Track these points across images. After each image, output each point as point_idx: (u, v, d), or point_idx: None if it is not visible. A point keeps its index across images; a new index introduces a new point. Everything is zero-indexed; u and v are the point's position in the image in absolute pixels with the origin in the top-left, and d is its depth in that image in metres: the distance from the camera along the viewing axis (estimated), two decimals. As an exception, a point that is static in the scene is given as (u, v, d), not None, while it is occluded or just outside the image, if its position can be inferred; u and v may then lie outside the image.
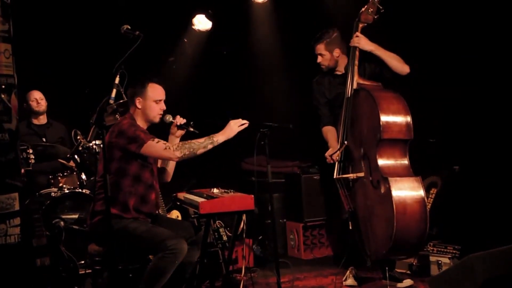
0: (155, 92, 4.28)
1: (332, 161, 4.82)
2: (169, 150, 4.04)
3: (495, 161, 5.19)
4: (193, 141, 4.11)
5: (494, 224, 5.02)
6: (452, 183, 5.36)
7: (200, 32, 7.08)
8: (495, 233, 4.85)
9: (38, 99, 6.06)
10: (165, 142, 4.13)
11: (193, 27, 7.06)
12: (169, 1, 6.80)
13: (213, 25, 7.01)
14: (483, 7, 5.14)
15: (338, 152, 4.73)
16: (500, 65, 5.13)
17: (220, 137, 4.15)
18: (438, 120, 5.54)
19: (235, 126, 4.19)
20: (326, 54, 4.99)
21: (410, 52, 4.85)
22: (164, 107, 4.33)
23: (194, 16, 7.01)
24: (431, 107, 5.47)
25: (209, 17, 6.94)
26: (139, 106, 4.25)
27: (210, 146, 4.12)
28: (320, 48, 5.00)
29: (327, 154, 4.89)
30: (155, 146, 4.04)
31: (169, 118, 4.38)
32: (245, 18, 7.07)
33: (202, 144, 4.10)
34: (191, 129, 4.60)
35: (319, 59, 5.04)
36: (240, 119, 4.23)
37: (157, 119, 4.31)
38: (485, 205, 5.17)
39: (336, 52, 4.98)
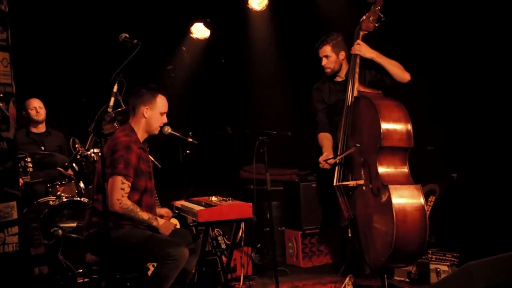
0: (163, 104, 4.30)
1: (327, 167, 4.82)
2: (119, 200, 3.94)
3: (493, 169, 5.19)
4: (140, 212, 4.03)
5: (493, 231, 5.01)
6: (451, 191, 5.36)
7: (198, 40, 7.10)
8: (494, 241, 4.84)
9: (37, 107, 6.05)
10: (127, 192, 4.03)
11: (191, 35, 7.08)
12: (168, 9, 6.82)
13: (211, 33, 7.03)
14: (485, 15, 5.15)
15: (338, 158, 4.73)
16: (499, 72, 5.14)
17: (159, 224, 4.10)
18: (436, 127, 5.54)
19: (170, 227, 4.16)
20: (332, 56, 4.99)
21: (409, 60, 4.86)
22: (166, 121, 4.35)
23: (192, 25, 7.03)
24: (429, 114, 5.48)
25: (207, 25, 6.96)
26: (146, 115, 4.24)
27: (146, 224, 4.08)
28: (327, 49, 4.99)
29: (321, 158, 4.88)
30: (116, 185, 3.95)
31: (167, 129, 4.40)
32: (243, 26, 7.08)
33: (143, 219, 4.05)
34: (190, 140, 4.62)
35: (324, 61, 5.01)
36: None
37: (157, 131, 4.34)
38: (484, 213, 5.17)
39: (342, 54, 4.99)
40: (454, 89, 5.39)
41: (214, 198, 4.46)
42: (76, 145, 5.33)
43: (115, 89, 4.69)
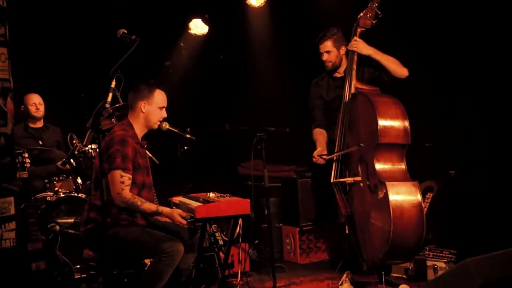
0: (161, 99, 4.32)
1: (321, 162, 4.82)
2: (118, 194, 3.95)
3: (491, 166, 5.20)
4: (145, 203, 4.03)
5: (490, 228, 5.02)
6: (448, 188, 5.36)
7: (196, 36, 7.09)
8: (491, 237, 4.85)
9: (37, 104, 6.01)
10: (128, 184, 4.03)
11: (189, 31, 7.07)
12: (166, 5, 6.80)
13: (209, 29, 7.02)
14: (483, 10, 5.15)
15: (335, 155, 4.73)
16: (499, 70, 5.13)
17: (165, 212, 4.08)
18: (434, 124, 5.54)
19: (177, 215, 4.11)
20: (334, 51, 4.98)
21: (407, 56, 4.86)
22: (165, 115, 4.36)
23: (190, 20, 7.02)
24: (427, 111, 5.48)
25: (205, 21, 6.95)
26: (143, 110, 4.26)
27: (152, 215, 4.13)
28: (328, 44, 4.98)
29: (315, 153, 4.87)
30: (115, 179, 3.95)
31: (165, 125, 4.40)
32: (241, 22, 7.07)
33: (150, 210, 4.06)
34: (188, 136, 4.62)
35: (326, 56, 5.00)
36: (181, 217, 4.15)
37: (156, 125, 4.35)
38: (481, 209, 5.17)
39: (342, 49, 4.99)
40: (453, 86, 5.39)
41: (212, 194, 4.45)
42: (74, 141, 5.33)
43: (113, 84, 4.66)
